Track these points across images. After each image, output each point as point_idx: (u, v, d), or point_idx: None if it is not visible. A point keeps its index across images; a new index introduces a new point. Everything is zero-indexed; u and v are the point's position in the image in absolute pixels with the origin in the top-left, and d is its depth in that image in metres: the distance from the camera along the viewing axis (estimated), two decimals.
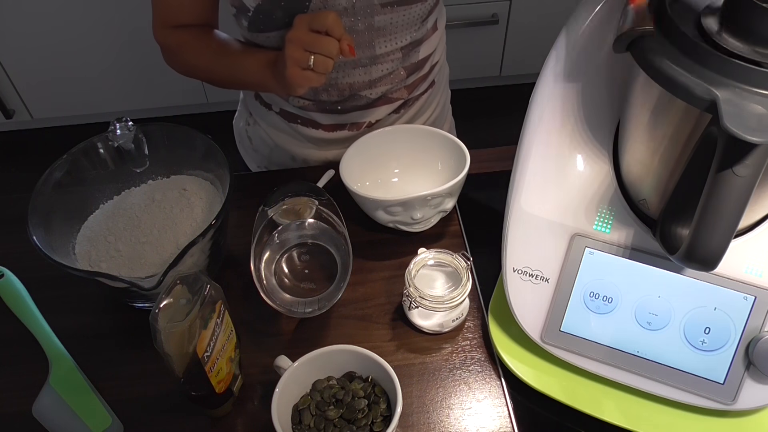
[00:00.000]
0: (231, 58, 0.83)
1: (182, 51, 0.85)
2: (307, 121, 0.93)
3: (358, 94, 0.88)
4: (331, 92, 0.87)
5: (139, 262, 0.73)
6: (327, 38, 0.70)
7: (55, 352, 0.71)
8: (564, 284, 0.63)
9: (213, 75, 0.86)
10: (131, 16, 2.03)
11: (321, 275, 0.73)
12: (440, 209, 0.79)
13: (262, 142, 1.01)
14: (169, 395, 0.68)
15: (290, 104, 0.92)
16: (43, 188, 0.72)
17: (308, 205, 0.75)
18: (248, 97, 1.00)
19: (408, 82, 0.91)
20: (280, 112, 0.94)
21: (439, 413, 0.66)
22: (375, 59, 0.84)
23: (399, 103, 0.93)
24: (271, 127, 0.98)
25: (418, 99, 0.95)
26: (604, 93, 0.61)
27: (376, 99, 0.90)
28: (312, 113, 0.91)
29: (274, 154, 1.01)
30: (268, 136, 0.99)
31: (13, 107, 2.24)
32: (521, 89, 0.97)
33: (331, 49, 0.70)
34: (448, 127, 1.08)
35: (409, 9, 0.80)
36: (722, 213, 0.45)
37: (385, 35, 0.82)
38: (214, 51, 0.84)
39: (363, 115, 0.92)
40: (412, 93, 0.93)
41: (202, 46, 0.85)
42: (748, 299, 0.58)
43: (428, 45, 0.89)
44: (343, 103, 0.89)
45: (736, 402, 0.60)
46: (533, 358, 0.68)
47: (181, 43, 0.85)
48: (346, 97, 0.88)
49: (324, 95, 0.88)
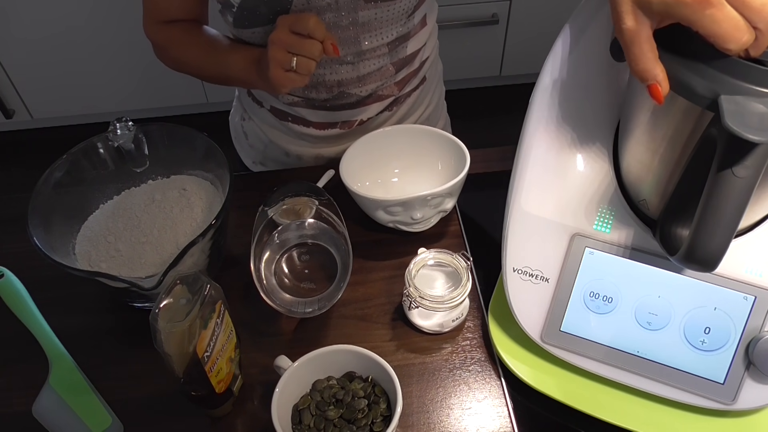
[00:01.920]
0: (218, 54, 0.84)
1: (171, 46, 0.86)
2: (297, 118, 0.93)
3: (347, 92, 0.88)
4: (319, 90, 0.88)
5: (139, 262, 0.73)
6: (309, 40, 0.71)
7: (55, 352, 0.71)
8: (564, 284, 0.63)
9: (202, 71, 0.87)
10: (131, 17, 2.03)
11: (321, 275, 0.73)
12: (440, 209, 0.79)
13: (256, 137, 1.01)
14: (169, 395, 0.68)
15: (280, 101, 0.92)
16: (43, 188, 0.72)
17: (308, 205, 0.75)
18: (242, 93, 1.00)
19: (397, 78, 0.91)
20: (271, 109, 0.94)
21: (439, 413, 0.66)
22: (361, 55, 0.84)
23: (390, 100, 0.92)
24: (264, 123, 0.98)
25: (410, 95, 0.95)
26: (604, 93, 0.61)
27: (366, 96, 0.90)
28: (302, 110, 0.91)
29: (268, 150, 1.01)
30: (262, 132, 0.99)
31: (13, 107, 2.24)
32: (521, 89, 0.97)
33: (314, 51, 0.71)
34: (443, 125, 1.08)
35: (394, 4, 0.80)
36: (722, 214, 0.45)
37: (370, 30, 0.82)
38: (202, 47, 0.85)
39: (354, 114, 0.92)
40: (402, 89, 0.93)
41: (190, 42, 0.85)
42: (748, 299, 0.58)
43: (416, 40, 0.89)
44: (332, 100, 0.89)
45: (736, 402, 0.60)
46: (533, 358, 0.68)
47: (170, 38, 0.86)
48: (335, 94, 0.88)
49: (313, 93, 0.88)
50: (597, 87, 0.61)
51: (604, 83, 0.61)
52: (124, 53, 2.12)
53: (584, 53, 0.60)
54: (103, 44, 2.09)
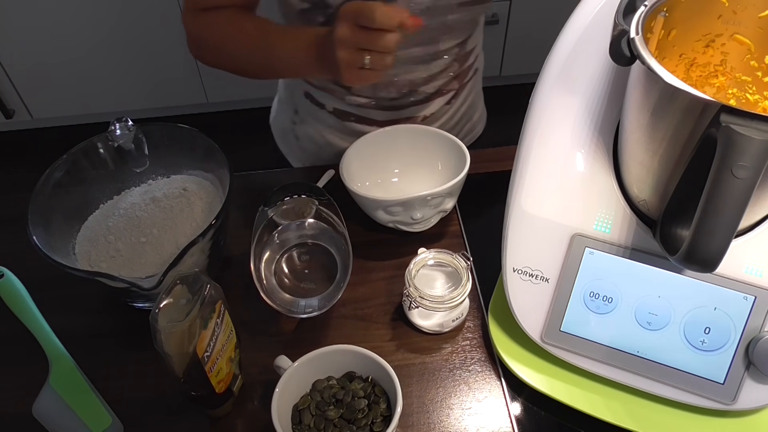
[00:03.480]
0: (269, 37, 0.73)
1: (212, 35, 0.75)
2: (361, 118, 0.92)
3: (416, 90, 0.88)
4: (389, 89, 0.87)
5: (139, 262, 0.73)
6: (380, 33, 0.62)
7: (55, 352, 0.71)
8: (564, 284, 0.63)
9: (247, 63, 0.76)
10: (131, 16, 2.04)
11: (321, 275, 0.73)
12: (440, 209, 0.79)
13: (310, 140, 0.99)
14: (169, 395, 0.68)
15: (346, 103, 0.90)
16: (43, 188, 0.72)
17: (308, 205, 0.75)
18: (295, 95, 0.97)
19: (458, 73, 0.91)
20: (333, 111, 0.92)
21: (439, 413, 0.66)
22: (435, 55, 0.85)
23: (451, 94, 0.93)
24: (321, 124, 0.96)
25: (465, 87, 0.96)
26: (604, 93, 0.61)
27: (433, 93, 0.90)
28: (369, 110, 0.91)
29: (323, 152, 0.99)
30: (318, 134, 0.97)
31: (13, 107, 2.24)
32: (521, 89, 0.97)
33: (388, 44, 0.63)
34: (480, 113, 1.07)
35: (482, 6, 0.80)
36: (722, 214, 0.45)
37: (451, 32, 0.82)
38: (249, 33, 0.74)
39: (418, 110, 0.91)
40: (461, 83, 0.94)
41: (235, 29, 0.74)
42: (748, 299, 0.58)
43: (476, 35, 0.90)
44: (400, 99, 0.89)
45: (736, 402, 0.60)
46: (533, 358, 0.68)
47: (211, 25, 0.75)
48: (404, 93, 0.88)
49: (383, 93, 0.87)
50: (597, 87, 0.61)
51: (604, 83, 0.61)
52: (124, 53, 2.12)
53: (584, 53, 0.60)
54: (103, 44, 2.09)
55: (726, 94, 0.61)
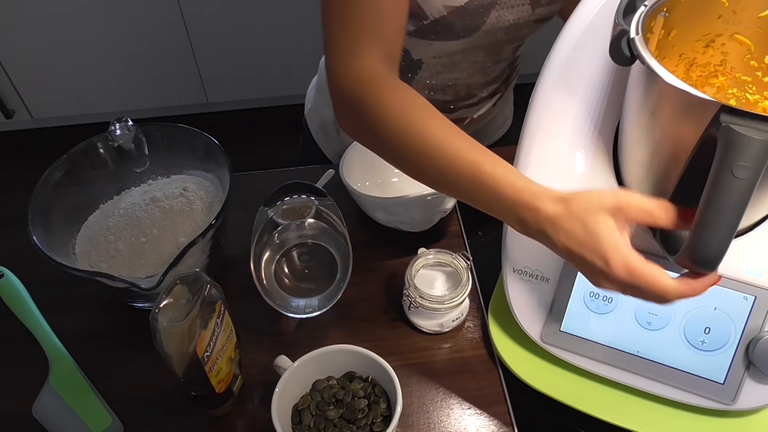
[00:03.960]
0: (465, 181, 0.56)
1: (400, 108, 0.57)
2: None
3: (471, 93, 0.89)
4: (447, 92, 0.87)
5: (138, 262, 0.73)
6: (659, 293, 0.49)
7: (55, 352, 0.71)
8: (564, 284, 0.63)
9: (421, 177, 0.60)
10: (131, 17, 2.04)
11: (321, 275, 0.73)
12: (440, 209, 0.78)
13: None
14: (169, 395, 0.68)
15: None
16: (43, 188, 0.72)
17: (308, 205, 0.75)
18: None
19: (507, 76, 0.93)
20: None
21: (439, 413, 0.66)
22: (497, 62, 0.86)
23: (498, 96, 0.94)
24: None
25: (507, 88, 0.97)
26: (604, 93, 0.61)
27: (486, 96, 0.91)
28: None
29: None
30: None
31: (13, 107, 2.24)
32: (521, 89, 0.97)
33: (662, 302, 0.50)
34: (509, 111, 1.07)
35: (551, 20, 0.81)
36: (722, 215, 0.45)
37: (516, 42, 0.83)
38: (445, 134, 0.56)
39: (468, 112, 0.92)
40: (507, 85, 0.95)
41: (430, 116, 0.57)
42: (748, 299, 0.58)
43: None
44: (455, 102, 0.89)
45: (736, 402, 0.60)
46: (533, 358, 0.68)
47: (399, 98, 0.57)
48: (460, 96, 0.88)
49: (440, 95, 0.87)
50: (597, 87, 0.61)
51: (604, 83, 0.61)
52: (124, 53, 2.12)
53: (584, 53, 0.60)
54: (104, 44, 2.09)
55: (726, 94, 0.61)
